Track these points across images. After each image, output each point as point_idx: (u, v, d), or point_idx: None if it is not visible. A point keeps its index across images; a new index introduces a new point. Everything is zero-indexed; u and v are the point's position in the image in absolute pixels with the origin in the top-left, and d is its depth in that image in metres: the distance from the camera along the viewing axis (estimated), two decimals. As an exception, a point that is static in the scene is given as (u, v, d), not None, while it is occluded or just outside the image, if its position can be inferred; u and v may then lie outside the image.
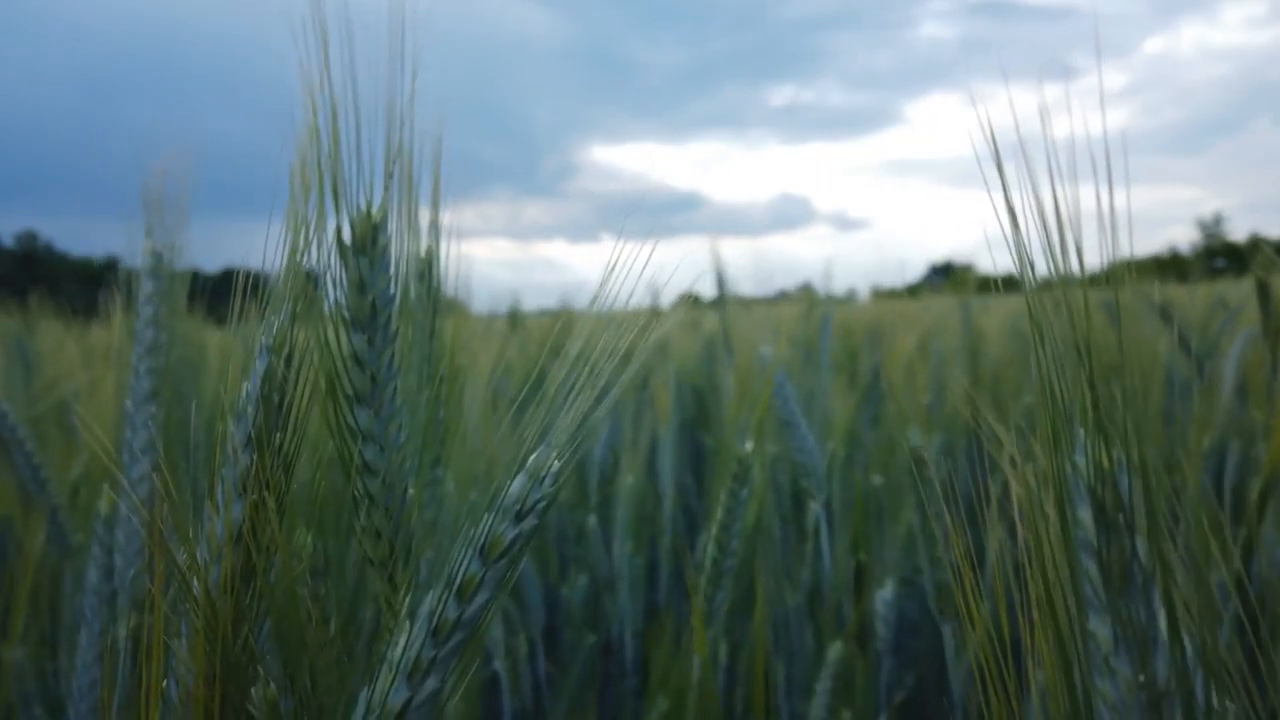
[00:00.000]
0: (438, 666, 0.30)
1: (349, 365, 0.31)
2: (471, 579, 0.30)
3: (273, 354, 0.31)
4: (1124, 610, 0.27)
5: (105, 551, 0.45)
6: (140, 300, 0.47)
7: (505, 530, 0.30)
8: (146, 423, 0.44)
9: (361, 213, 0.30)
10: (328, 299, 0.31)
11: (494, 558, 0.30)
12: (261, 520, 0.31)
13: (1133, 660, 0.27)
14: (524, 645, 1.07)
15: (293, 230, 0.30)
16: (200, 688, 0.32)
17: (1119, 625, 0.28)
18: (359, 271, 0.30)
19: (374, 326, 0.31)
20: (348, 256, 0.30)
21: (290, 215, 0.29)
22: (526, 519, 0.30)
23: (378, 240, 0.30)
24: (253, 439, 0.31)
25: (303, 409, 0.31)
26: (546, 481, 0.30)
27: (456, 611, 0.30)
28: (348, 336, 0.31)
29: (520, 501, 0.30)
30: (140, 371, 0.45)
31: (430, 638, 0.30)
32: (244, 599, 0.32)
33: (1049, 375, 0.28)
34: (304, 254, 0.30)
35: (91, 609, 0.45)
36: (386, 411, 0.32)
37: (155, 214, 0.45)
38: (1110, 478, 0.27)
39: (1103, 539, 0.28)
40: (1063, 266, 0.27)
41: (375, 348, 0.31)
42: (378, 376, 0.31)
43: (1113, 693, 0.28)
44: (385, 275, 0.31)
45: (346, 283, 0.30)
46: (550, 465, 0.30)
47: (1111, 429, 0.27)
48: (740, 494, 0.68)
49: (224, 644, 0.31)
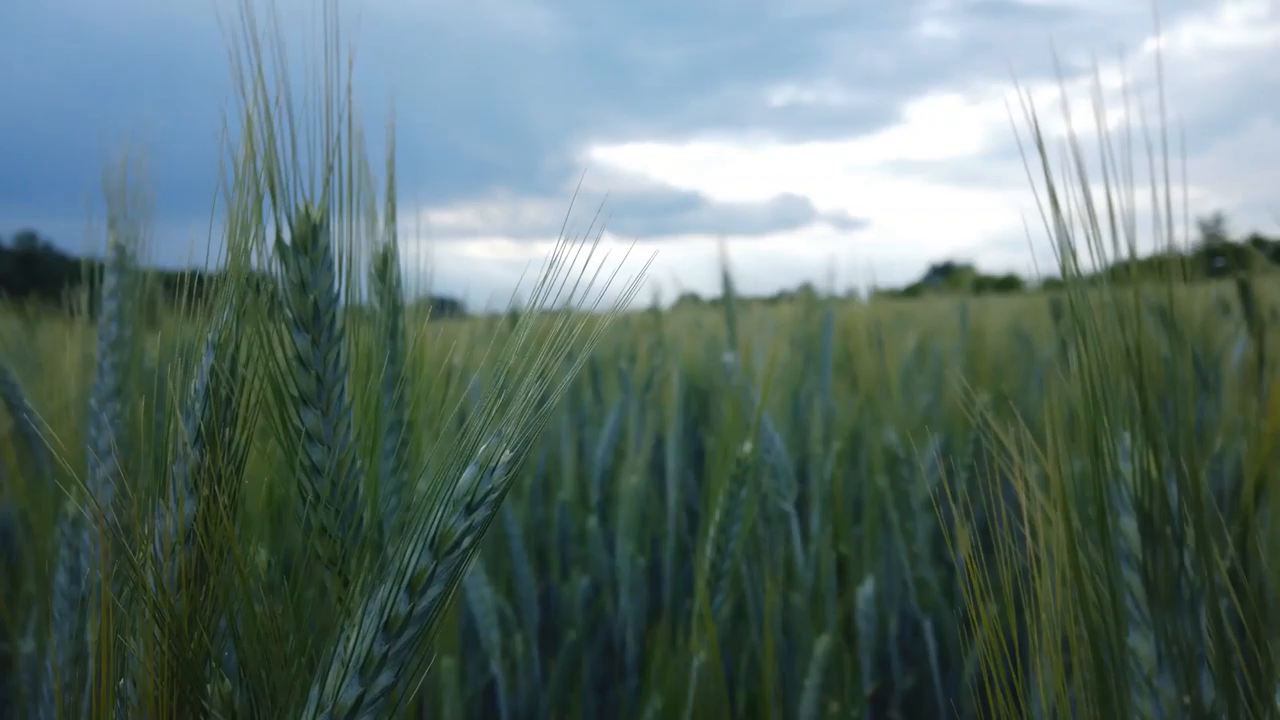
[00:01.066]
0: (390, 661, 0.30)
1: (293, 366, 0.31)
2: (422, 572, 0.30)
3: (218, 351, 0.31)
4: (1170, 627, 0.26)
5: (72, 553, 0.45)
6: (103, 295, 0.47)
7: (456, 522, 0.30)
8: (111, 421, 0.44)
9: (300, 212, 0.30)
10: (271, 299, 0.31)
11: (445, 550, 0.30)
12: (214, 517, 0.31)
13: (1177, 679, 0.26)
14: (521, 646, 1.07)
15: (233, 230, 0.30)
16: (156, 685, 0.32)
17: (1163, 642, 0.26)
18: (300, 271, 0.30)
19: (318, 326, 0.31)
20: (288, 256, 0.30)
21: (230, 215, 0.29)
22: (477, 510, 0.30)
23: (318, 239, 0.30)
24: (202, 435, 0.31)
25: (251, 406, 0.31)
26: (497, 472, 0.30)
27: (408, 605, 0.30)
28: (291, 337, 0.31)
29: (470, 493, 0.30)
30: (104, 368, 0.45)
31: (382, 633, 0.30)
32: (198, 595, 0.32)
33: (1090, 377, 0.27)
34: (246, 253, 0.30)
35: (61, 612, 0.45)
36: (334, 412, 0.32)
37: (118, 206, 0.45)
38: (1159, 487, 0.26)
39: (1149, 551, 0.26)
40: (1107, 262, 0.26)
41: (320, 348, 0.31)
42: (323, 377, 0.31)
43: (1154, 713, 0.26)
44: (328, 275, 0.31)
45: (288, 283, 0.30)
46: (500, 455, 0.30)
47: (1160, 436, 0.26)
48: (739, 495, 0.68)
49: (179, 641, 0.32)
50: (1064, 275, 0.27)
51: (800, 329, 1.41)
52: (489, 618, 0.93)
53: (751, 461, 0.71)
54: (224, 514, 0.31)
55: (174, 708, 0.32)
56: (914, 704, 1.17)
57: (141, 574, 0.31)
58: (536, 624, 1.11)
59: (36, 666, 0.67)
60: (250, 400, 0.31)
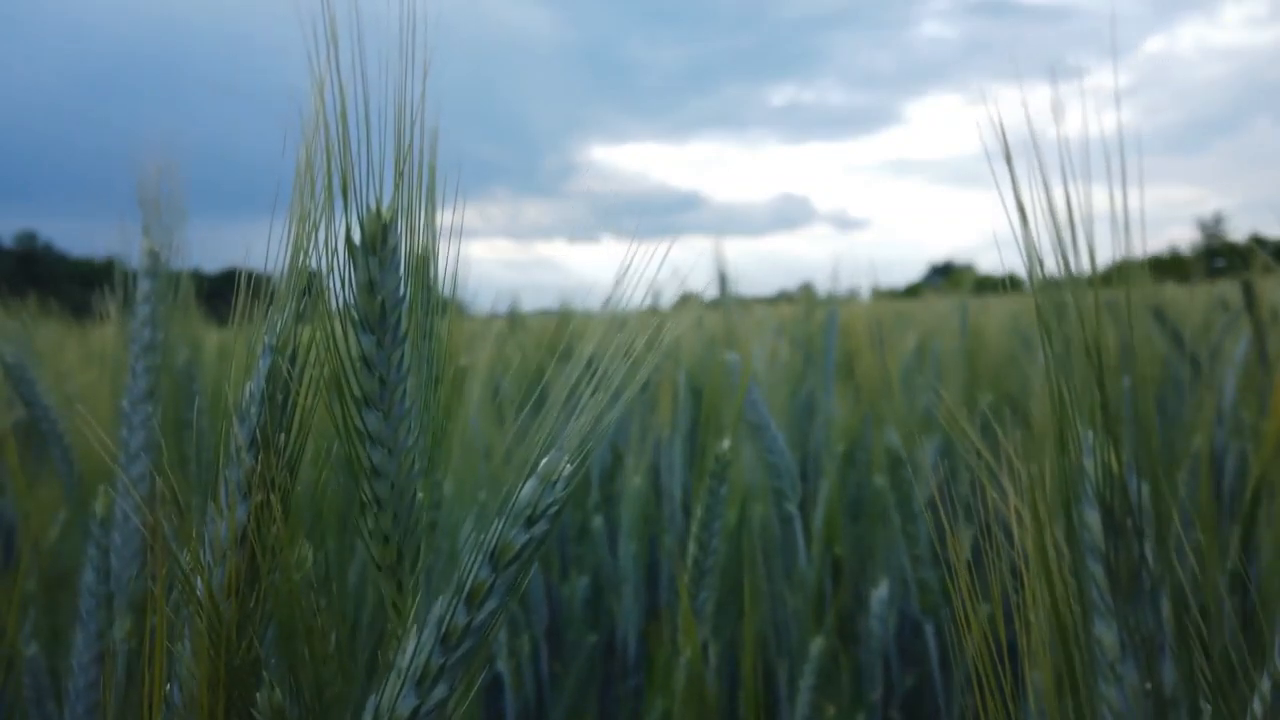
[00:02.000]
0: (447, 673, 0.30)
1: (357, 367, 0.31)
2: (481, 585, 0.30)
3: (277, 353, 0.30)
4: (1132, 616, 0.27)
5: (101, 553, 0.44)
6: (137, 300, 0.46)
7: (516, 536, 0.30)
8: (144, 423, 0.44)
9: (372, 212, 0.29)
10: (335, 299, 0.30)
11: (504, 563, 0.30)
12: (266, 522, 0.31)
13: (1140, 667, 0.27)
14: (527, 645, 1.07)
15: (297, 229, 0.29)
16: (204, 692, 0.31)
17: (1126, 631, 0.27)
18: (369, 272, 0.30)
19: (384, 328, 0.31)
20: (358, 256, 0.30)
21: (295, 214, 0.29)
22: (538, 524, 0.30)
23: (388, 240, 0.30)
24: (257, 439, 0.31)
25: (307, 409, 0.31)
26: (558, 486, 0.30)
27: (466, 618, 0.30)
28: (356, 337, 0.31)
29: (532, 506, 0.30)
30: (137, 371, 0.45)
31: (440, 644, 0.30)
32: (248, 602, 0.32)
33: (1056, 376, 0.28)
34: (308, 253, 0.30)
35: (88, 610, 0.45)
36: (396, 414, 0.31)
37: (152, 213, 0.45)
38: (1119, 481, 0.27)
39: (1110, 543, 0.27)
40: (1071, 266, 0.27)
41: (385, 349, 0.31)
42: (386, 379, 0.31)
43: (1118, 699, 0.27)
44: (395, 275, 0.30)
45: (355, 283, 0.30)
46: (562, 469, 0.30)
47: (1120, 432, 0.27)
48: (719, 492, 0.68)
49: (228, 648, 0.31)
50: (1029, 278, 0.28)
51: (800, 329, 1.41)
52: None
53: (729, 459, 0.71)
54: (277, 519, 0.31)
55: (222, 715, 0.32)
56: (914, 704, 1.18)
57: (191, 580, 0.31)
58: (544, 624, 1.11)
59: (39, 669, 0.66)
60: (308, 403, 0.31)
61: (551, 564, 1.30)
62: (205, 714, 0.31)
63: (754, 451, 0.94)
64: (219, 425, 0.31)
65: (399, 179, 0.29)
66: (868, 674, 0.99)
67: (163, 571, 0.31)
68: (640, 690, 1.13)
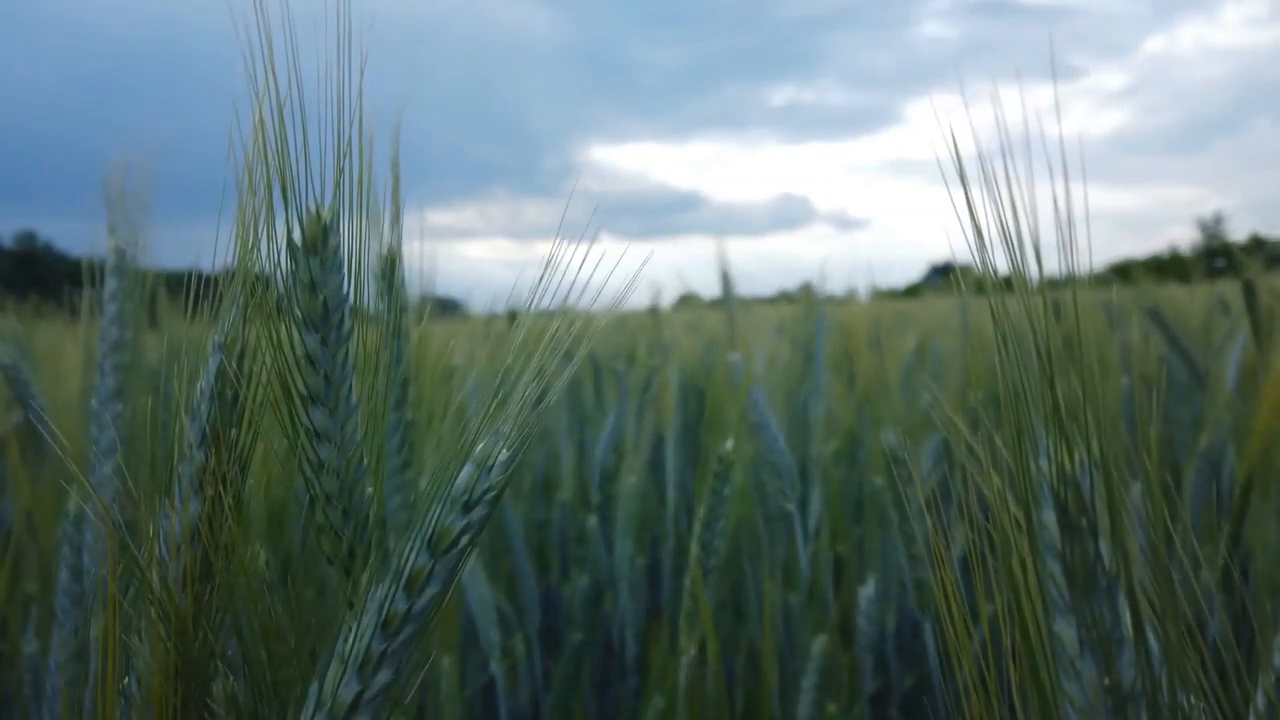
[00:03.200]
0: (389, 659, 0.30)
1: (302, 365, 0.31)
2: (420, 571, 0.30)
3: (225, 352, 0.31)
4: (1088, 612, 0.28)
5: (74, 551, 0.45)
6: (105, 297, 0.47)
7: (453, 521, 0.30)
8: (113, 421, 0.45)
9: (311, 213, 0.30)
10: (279, 298, 0.31)
11: (442, 549, 0.30)
12: (219, 517, 0.32)
13: (1098, 662, 0.27)
14: (521, 646, 1.08)
15: (241, 230, 0.30)
16: (160, 683, 0.32)
17: (1083, 627, 0.28)
18: (310, 271, 0.31)
19: (327, 326, 0.31)
20: (298, 257, 0.30)
21: (239, 215, 0.30)
22: (475, 509, 0.30)
23: (328, 240, 0.31)
24: (207, 436, 0.31)
25: (256, 406, 0.32)
26: (494, 471, 0.30)
27: (406, 604, 0.30)
28: (300, 336, 0.31)
29: (468, 491, 0.30)
30: (105, 369, 0.45)
31: (380, 630, 0.30)
32: (203, 595, 0.32)
33: (1012, 376, 0.28)
34: (253, 254, 0.30)
35: (63, 609, 0.45)
36: (342, 410, 0.32)
37: (118, 210, 0.45)
38: (1072, 479, 0.27)
39: (1066, 540, 0.28)
40: (1026, 269, 0.28)
41: (329, 347, 0.31)
42: (331, 376, 0.32)
43: (1079, 695, 0.28)
44: (337, 275, 0.31)
45: (297, 283, 0.31)
46: (498, 454, 0.30)
47: (1073, 430, 0.27)
48: (722, 492, 0.68)
49: (184, 640, 0.32)
50: (984, 281, 0.28)
51: (800, 329, 1.41)
52: (489, 617, 0.93)
53: (732, 459, 0.72)
54: (229, 514, 0.32)
55: (179, 706, 0.32)
56: (914, 704, 1.18)
57: (147, 573, 0.32)
58: (538, 625, 1.12)
59: (39, 666, 0.67)
60: (257, 399, 0.32)
61: (551, 564, 1.30)
62: (162, 705, 0.32)
63: (754, 451, 0.94)
64: (172, 423, 0.32)
65: (339, 179, 0.30)
66: (862, 672, 0.99)
67: (116, 567, 0.31)
68: (640, 691, 1.13)
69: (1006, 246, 0.28)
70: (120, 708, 0.33)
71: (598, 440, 1.36)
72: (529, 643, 1.10)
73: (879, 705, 1.15)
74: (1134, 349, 1.15)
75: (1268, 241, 1.37)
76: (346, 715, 0.30)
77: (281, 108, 0.29)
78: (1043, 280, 0.27)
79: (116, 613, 0.31)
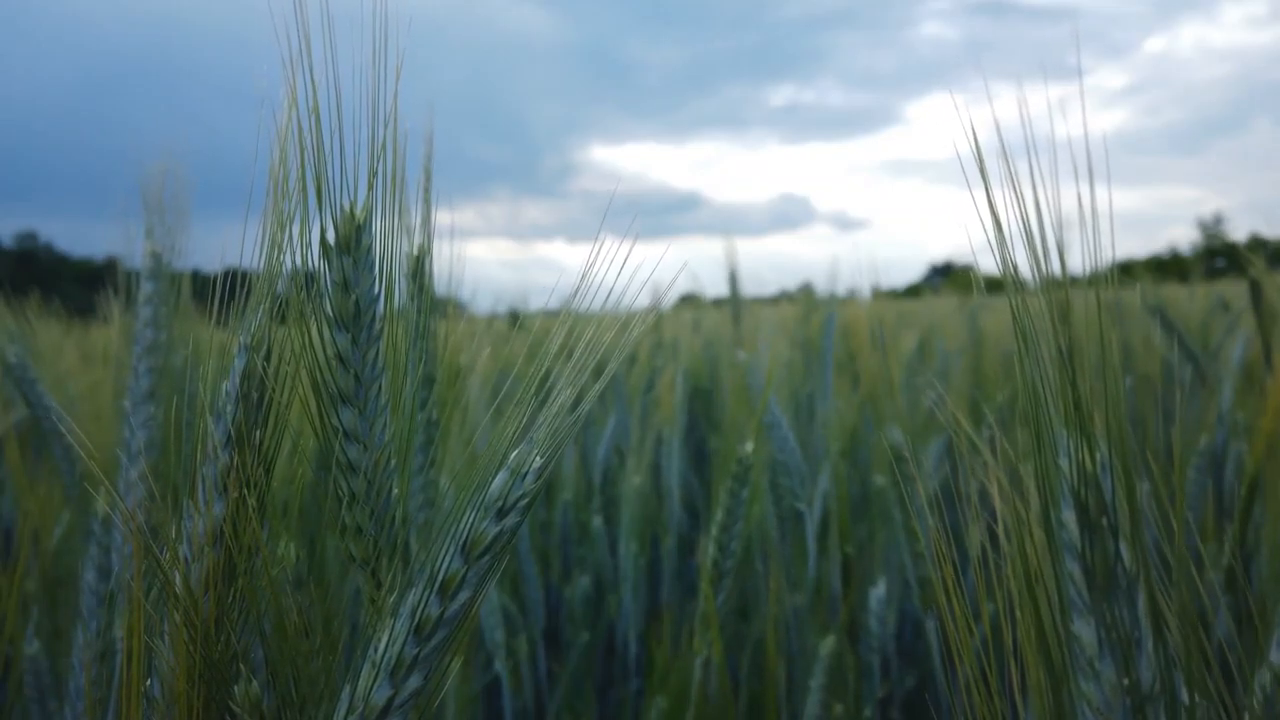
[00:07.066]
0: (420, 664, 0.30)
1: (332, 364, 0.31)
2: (454, 576, 0.30)
3: (251, 352, 0.31)
4: (1108, 613, 0.27)
5: (102, 551, 0.45)
6: (139, 301, 0.47)
7: (487, 527, 0.30)
8: (145, 423, 0.45)
9: (345, 212, 0.30)
10: (310, 298, 0.31)
11: (476, 555, 0.30)
12: (242, 518, 0.31)
13: (1117, 662, 0.27)
14: (525, 646, 1.07)
15: (273, 230, 0.30)
16: (183, 685, 0.32)
17: (1103, 628, 0.27)
18: (343, 271, 0.30)
19: (358, 326, 0.31)
20: (331, 256, 0.30)
21: (270, 215, 0.29)
22: (508, 516, 0.30)
23: (361, 240, 0.30)
24: (232, 437, 0.31)
25: (282, 407, 0.31)
26: (528, 478, 0.30)
27: (439, 609, 0.30)
28: (331, 336, 0.31)
29: (501, 498, 0.30)
30: (139, 371, 0.45)
31: (413, 635, 0.30)
32: (226, 597, 0.32)
33: (1032, 377, 0.28)
34: (284, 253, 0.30)
35: (89, 609, 0.45)
36: (370, 410, 0.32)
37: (155, 214, 0.45)
38: (1093, 480, 0.27)
39: (1086, 541, 0.28)
40: (1045, 268, 0.27)
41: (359, 347, 0.31)
42: (361, 376, 0.31)
43: (1097, 695, 0.28)
44: (369, 275, 0.31)
45: (330, 282, 0.30)
46: (532, 462, 0.30)
47: (1094, 431, 0.27)
48: (740, 495, 0.68)
49: (206, 641, 0.32)
50: (1002, 279, 0.28)
51: (801, 329, 1.41)
52: (493, 617, 0.93)
53: (753, 461, 0.72)
54: (253, 516, 0.31)
55: (201, 709, 0.32)
56: (914, 704, 1.18)
57: (170, 575, 0.31)
58: (542, 625, 1.11)
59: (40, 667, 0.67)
60: (283, 400, 0.31)
61: (552, 565, 1.30)
62: (184, 706, 0.32)
63: (766, 451, 0.94)
64: (198, 424, 0.31)
65: (373, 179, 0.30)
66: (869, 672, 0.99)
67: (141, 568, 0.31)
68: (642, 691, 1.13)
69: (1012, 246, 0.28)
70: (143, 709, 0.32)
71: (599, 441, 1.36)
72: (533, 643, 1.09)
73: (881, 705, 1.15)
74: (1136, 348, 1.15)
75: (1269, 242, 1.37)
76: (377, 719, 0.30)
77: (317, 109, 0.28)
78: (1065, 278, 0.27)
79: (140, 614, 0.31)
